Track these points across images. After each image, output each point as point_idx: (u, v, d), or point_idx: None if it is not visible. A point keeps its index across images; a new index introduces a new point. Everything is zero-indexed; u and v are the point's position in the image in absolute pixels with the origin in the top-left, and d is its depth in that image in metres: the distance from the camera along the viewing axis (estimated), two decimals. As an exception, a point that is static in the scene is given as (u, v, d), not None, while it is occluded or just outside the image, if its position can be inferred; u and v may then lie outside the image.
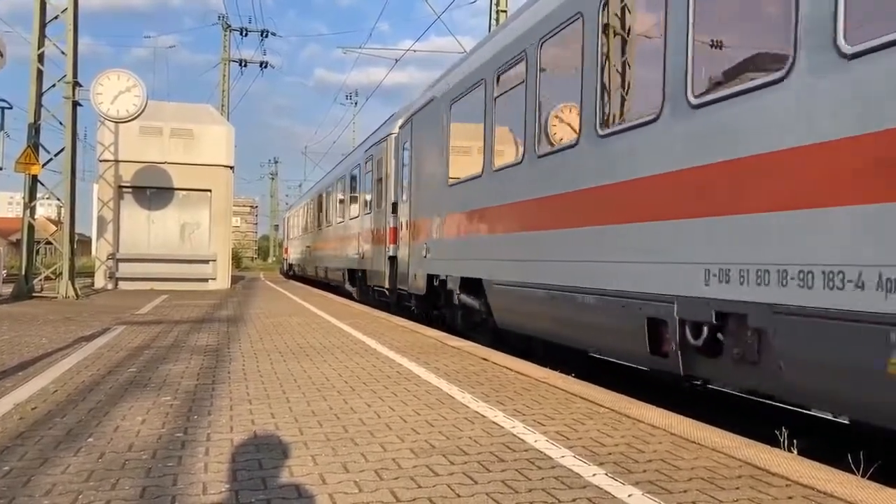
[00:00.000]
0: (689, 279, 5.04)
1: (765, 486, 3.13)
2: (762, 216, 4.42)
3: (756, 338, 4.49)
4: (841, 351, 3.85)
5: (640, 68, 6.45)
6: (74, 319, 10.80)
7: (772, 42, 4.72)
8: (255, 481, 3.10)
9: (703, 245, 4.95)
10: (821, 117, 4.03)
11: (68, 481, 3.08)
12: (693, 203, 5.09)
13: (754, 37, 5.13)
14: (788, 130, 4.25)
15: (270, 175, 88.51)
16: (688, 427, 4.19)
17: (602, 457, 3.56)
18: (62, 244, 16.95)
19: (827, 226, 3.94)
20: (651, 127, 5.62)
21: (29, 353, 7.02)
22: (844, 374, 3.88)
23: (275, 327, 9.90)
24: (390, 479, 3.16)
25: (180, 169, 20.41)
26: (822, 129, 4.00)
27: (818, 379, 4.11)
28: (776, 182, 4.33)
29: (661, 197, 5.48)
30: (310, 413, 4.50)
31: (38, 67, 16.15)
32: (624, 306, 5.88)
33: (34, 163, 15.81)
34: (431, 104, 11.88)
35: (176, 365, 6.41)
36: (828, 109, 3.99)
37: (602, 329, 6.45)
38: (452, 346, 7.90)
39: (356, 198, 19.10)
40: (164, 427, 4.09)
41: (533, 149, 7.79)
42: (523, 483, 3.13)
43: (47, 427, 4.05)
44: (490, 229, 9.07)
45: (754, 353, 4.52)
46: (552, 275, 7.26)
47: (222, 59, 40.83)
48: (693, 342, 5.07)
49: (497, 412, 4.57)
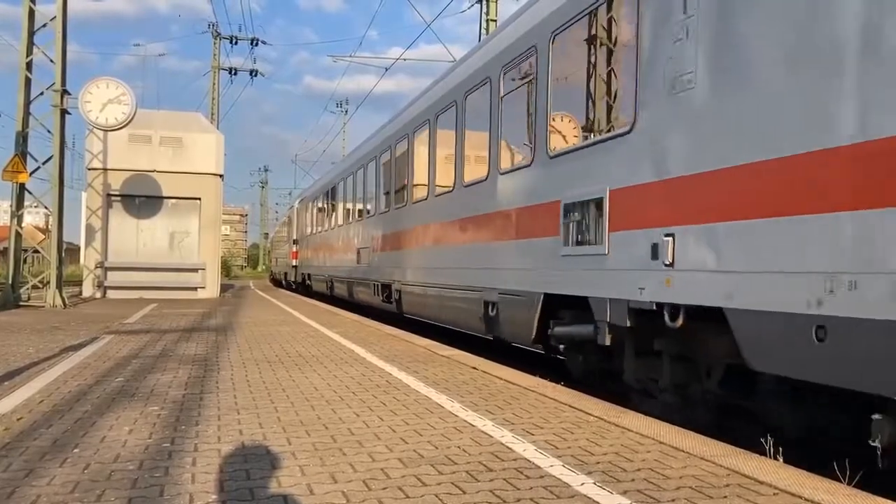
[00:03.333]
0: (498, 278, 8.30)
1: (753, 494, 3.14)
2: (525, 241, 7.67)
3: (512, 307, 7.90)
4: (518, 307, 7.72)
5: (514, 132, 8.52)
6: (62, 328, 10.72)
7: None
8: (242, 492, 3.09)
9: (495, 258, 8.43)
10: (542, 185, 7.31)
11: (53, 493, 3.06)
12: (505, 231, 8.25)
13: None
14: (530, 193, 7.58)
15: (261, 183, 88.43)
16: (676, 436, 4.20)
17: (591, 466, 3.56)
18: (50, 253, 16.86)
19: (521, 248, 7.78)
20: (526, 169, 7.80)
21: (15, 363, 6.96)
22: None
23: (263, 336, 9.87)
24: (378, 490, 3.15)
25: (169, 177, 20.33)
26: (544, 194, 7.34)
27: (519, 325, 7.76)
28: (532, 219, 7.52)
29: (498, 225, 8.47)
30: (298, 423, 4.48)
31: (26, 75, 16.09)
32: (472, 296, 9.07)
33: (22, 171, 15.73)
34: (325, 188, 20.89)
35: (164, 374, 6.38)
36: (545, 181, 7.25)
37: (464, 311, 9.40)
38: (442, 356, 7.90)
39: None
40: (151, 437, 4.06)
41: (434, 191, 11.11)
42: (512, 493, 3.13)
43: (33, 438, 4.02)
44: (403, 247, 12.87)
45: (511, 318, 7.90)
46: (440, 278, 10.41)
47: (212, 67, 40.81)
48: (491, 314, 8.35)
49: (486, 421, 4.57)
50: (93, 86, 16.42)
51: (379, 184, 15.03)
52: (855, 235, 3.69)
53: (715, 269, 4.67)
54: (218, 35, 40.71)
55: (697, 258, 4.86)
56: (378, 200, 15.04)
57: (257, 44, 41.08)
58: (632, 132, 5.69)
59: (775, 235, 4.19)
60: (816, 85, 3.99)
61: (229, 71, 41.84)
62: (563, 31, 7.02)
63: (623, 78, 6.35)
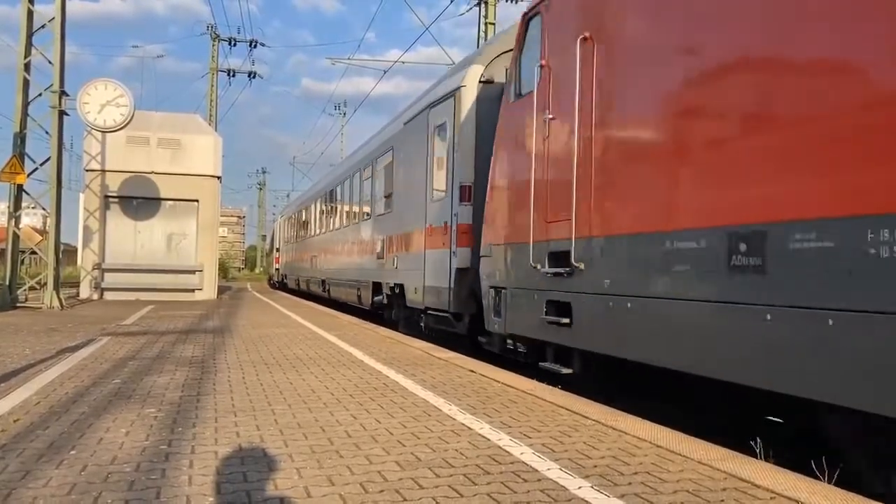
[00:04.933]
0: (361, 274, 16.01)
1: (749, 498, 3.14)
2: (369, 256, 15.41)
3: (365, 289, 15.60)
4: (365, 289, 15.66)
5: (356, 202, 17.45)
6: (59, 330, 10.71)
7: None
8: (239, 494, 3.09)
9: (362, 265, 15.96)
10: (375, 229, 15.02)
11: (50, 495, 3.05)
12: (366, 250, 15.78)
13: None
14: (374, 231, 15.16)
15: (258, 185, 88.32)
16: (673, 439, 4.21)
17: (588, 469, 3.56)
18: (47, 254, 16.84)
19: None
20: (371, 219, 15.64)
21: (12, 364, 6.95)
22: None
23: (261, 338, 9.86)
24: (375, 493, 3.15)
25: (167, 179, 20.31)
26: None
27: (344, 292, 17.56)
28: (373, 244, 15.10)
29: (365, 247, 15.88)
30: (295, 425, 4.48)
31: (24, 77, 16.08)
32: (352, 284, 16.91)
33: (20, 172, 15.72)
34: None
35: (161, 376, 6.37)
36: (377, 226, 14.83)
37: (349, 293, 17.23)
38: (439, 358, 7.90)
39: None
40: (148, 439, 4.06)
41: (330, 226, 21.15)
42: (509, 496, 3.13)
43: (29, 439, 4.01)
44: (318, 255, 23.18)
45: (365, 295, 15.46)
46: (343, 276, 18.40)
47: (210, 68, 40.82)
48: (359, 293, 16.05)
49: (483, 424, 4.57)
50: (91, 87, 16.42)
51: (320, 214, 23.38)
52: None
53: (397, 269, 12.72)
54: (217, 37, 40.73)
55: (402, 266, 12.35)
56: (319, 225, 23.50)
57: (256, 46, 41.11)
58: (393, 211, 13.44)
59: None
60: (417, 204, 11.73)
61: (227, 73, 41.85)
62: (399, 144, 13.43)
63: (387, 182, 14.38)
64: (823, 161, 3.77)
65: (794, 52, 4.07)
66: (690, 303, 4.75)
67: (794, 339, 3.84)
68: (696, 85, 4.91)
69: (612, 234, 5.77)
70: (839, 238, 3.63)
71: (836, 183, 3.69)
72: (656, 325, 5.11)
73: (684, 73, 5.02)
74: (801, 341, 3.79)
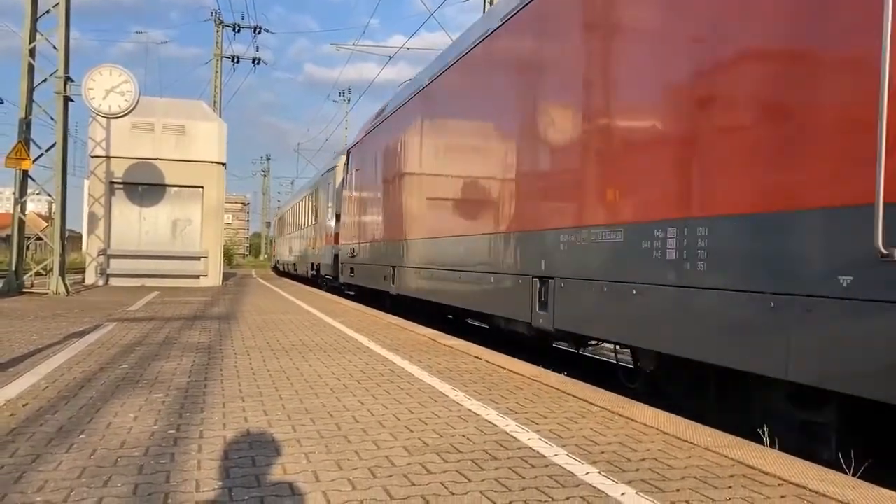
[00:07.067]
0: (312, 258, 27.56)
1: (758, 485, 3.14)
2: (322, 246, 25.34)
3: (314, 268, 27.19)
4: (311, 267, 28.51)
5: (310, 214, 29.03)
6: (65, 316, 10.75)
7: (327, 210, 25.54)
8: (248, 478, 3.10)
9: (314, 252, 27.03)
10: (319, 231, 26.21)
11: (60, 478, 3.07)
12: (317, 242, 27.09)
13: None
14: (317, 232, 26.52)
15: (262, 172, 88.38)
16: (680, 426, 4.21)
17: (595, 455, 3.57)
18: (53, 240, 16.88)
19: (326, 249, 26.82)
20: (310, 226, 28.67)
21: (19, 350, 6.98)
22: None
23: (267, 324, 9.88)
24: (384, 477, 3.16)
25: (172, 165, 20.32)
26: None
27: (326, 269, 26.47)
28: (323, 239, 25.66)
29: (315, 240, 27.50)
30: (303, 410, 4.50)
31: (29, 62, 16.05)
32: (307, 264, 28.86)
33: (25, 158, 15.71)
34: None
35: (168, 362, 6.39)
36: (320, 230, 26.35)
37: (303, 270, 30.50)
38: (445, 345, 7.91)
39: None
40: (156, 424, 4.07)
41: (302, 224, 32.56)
42: (517, 481, 3.14)
43: (38, 424, 4.03)
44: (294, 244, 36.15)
45: (313, 272, 26.96)
46: (306, 260, 29.68)
47: (214, 55, 40.66)
48: (311, 272, 27.12)
49: (490, 410, 4.58)
50: (96, 73, 16.37)
51: (294, 216, 35.93)
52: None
53: (316, 255, 26.61)
54: (221, 23, 40.54)
55: (318, 254, 25.90)
56: (294, 225, 35.70)
57: (260, 32, 40.87)
58: (317, 223, 25.73)
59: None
60: (323, 221, 24.73)
61: (231, 59, 41.67)
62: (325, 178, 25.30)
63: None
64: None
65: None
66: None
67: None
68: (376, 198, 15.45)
69: (366, 242, 16.16)
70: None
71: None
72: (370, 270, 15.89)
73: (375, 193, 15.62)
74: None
